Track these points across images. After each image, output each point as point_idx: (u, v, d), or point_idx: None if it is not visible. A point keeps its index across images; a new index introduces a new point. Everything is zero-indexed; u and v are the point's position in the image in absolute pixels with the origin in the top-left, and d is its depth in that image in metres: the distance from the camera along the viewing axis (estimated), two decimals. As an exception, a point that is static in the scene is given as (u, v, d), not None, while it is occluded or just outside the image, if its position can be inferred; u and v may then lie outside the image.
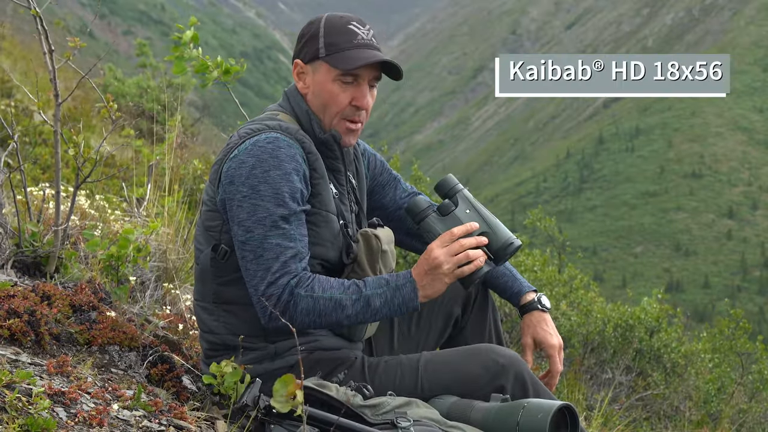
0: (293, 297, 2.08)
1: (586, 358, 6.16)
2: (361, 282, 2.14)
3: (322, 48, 2.21)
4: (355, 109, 2.25)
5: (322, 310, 2.10)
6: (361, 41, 2.21)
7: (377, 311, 2.12)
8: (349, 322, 2.13)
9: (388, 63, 2.22)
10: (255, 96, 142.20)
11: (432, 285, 2.13)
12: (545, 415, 1.93)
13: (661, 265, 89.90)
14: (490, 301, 2.52)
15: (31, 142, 6.05)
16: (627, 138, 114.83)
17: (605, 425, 4.38)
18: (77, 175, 3.08)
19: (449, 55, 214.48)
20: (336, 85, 2.22)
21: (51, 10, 25.31)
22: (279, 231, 2.10)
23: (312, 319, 2.10)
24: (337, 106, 2.23)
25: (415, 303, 2.12)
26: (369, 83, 2.25)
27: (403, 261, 6.08)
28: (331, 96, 2.23)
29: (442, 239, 2.15)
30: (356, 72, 2.21)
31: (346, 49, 2.19)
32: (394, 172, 2.59)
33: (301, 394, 1.74)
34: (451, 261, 2.12)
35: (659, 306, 6.54)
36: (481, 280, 2.29)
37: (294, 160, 2.14)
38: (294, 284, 2.09)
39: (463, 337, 2.47)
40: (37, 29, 2.92)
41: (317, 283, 2.11)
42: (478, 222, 2.19)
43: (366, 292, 2.12)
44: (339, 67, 2.19)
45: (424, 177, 6.89)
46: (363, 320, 2.13)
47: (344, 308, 2.10)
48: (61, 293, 2.57)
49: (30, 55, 10.09)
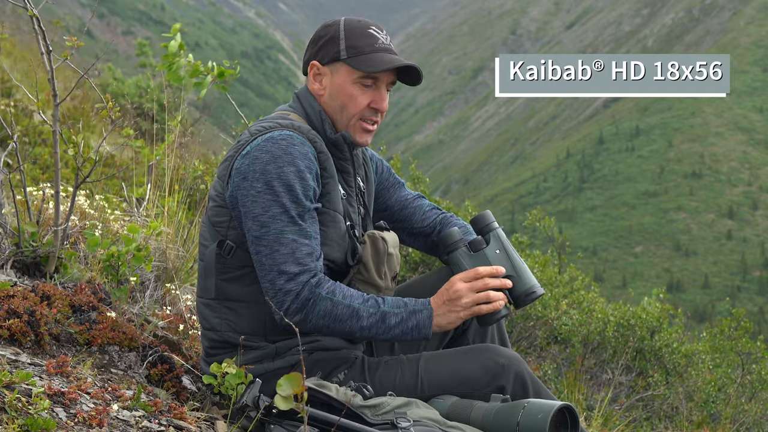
0: (313, 296, 2.09)
1: (587, 358, 6.16)
2: (380, 298, 2.16)
3: (343, 50, 2.23)
4: (374, 111, 2.28)
5: (339, 316, 2.11)
6: (382, 46, 2.24)
7: (390, 329, 2.13)
8: (361, 334, 2.14)
9: (408, 68, 2.26)
10: (255, 96, 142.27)
11: (446, 315, 2.15)
12: (545, 416, 1.93)
13: (661, 265, 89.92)
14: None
15: (30, 142, 6.05)
16: (627, 138, 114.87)
17: (605, 425, 4.38)
18: (77, 175, 3.08)
19: (449, 55, 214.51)
20: (356, 87, 2.25)
21: (50, 10, 25.31)
22: (295, 227, 2.11)
23: (327, 322, 2.11)
24: (356, 107, 2.26)
25: (428, 330, 2.14)
26: (387, 87, 2.28)
27: (403, 261, 6.07)
28: (351, 98, 2.25)
29: (467, 275, 2.18)
30: (377, 75, 2.24)
31: (368, 52, 2.22)
32: (398, 176, 2.63)
33: (305, 395, 1.74)
34: (471, 297, 2.15)
35: (660, 305, 6.54)
36: (498, 322, 2.31)
37: (307, 158, 2.16)
38: (314, 283, 2.10)
39: (465, 338, 2.47)
40: (34, 29, 2.92)
41: (338, 288, 2.13)
42: (506, 265, 2.23)
43: (384, 308, 2.13)
44: (363, 69, 2.21)
45: (423, 177, 6.88)
46: (375, 335, 2.14)
47: (360, 319, 2.12)
48: (60, 293, 2.56)
49: (29, 55, 10.09)
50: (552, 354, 6.20)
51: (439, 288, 2.25)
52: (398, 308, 2.14)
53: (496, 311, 2.17)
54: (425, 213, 2.59)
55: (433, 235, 2.58)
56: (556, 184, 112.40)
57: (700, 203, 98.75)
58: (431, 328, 2.15)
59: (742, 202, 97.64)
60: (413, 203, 2.60)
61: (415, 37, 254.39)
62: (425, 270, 5.93)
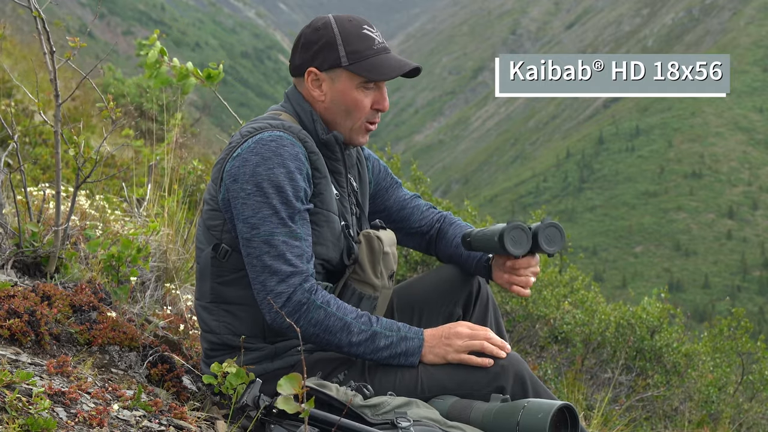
0: (308, 303, 2.08)
1: (587, 358, 6.16)
2: (374, 317, 2.15)
3: (344, 57, 2.21)
4: (376, 112, 2.29)
5: (330, 327, 2.09)
6: (380, 46, 2.24)
7: (378, 351, 2.12)
8: (348, 350, 2.12)
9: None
10: (255, 96, 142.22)
11: (436, 349, 2.13)
12: (545, 415, 1.93)
13: (661, 265, 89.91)
14: (491, 301, 2.52)
15: (31, 143, 6.05)
16: (627, 138, 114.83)
17: (605, 425, 4.37)
18: (77, 175, 3.08)
19: (449, 55, 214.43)
20: (359, 92, 2.24)
21: (51, 10, 25.30)
22: (285, 229, 2.10)
23: (317, 331, 2.10)
24: (362, 111, 2.26)
25: (414, 359, 2.13)
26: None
27: (403, 261, 6.07)
28: (356, 103, 2.24)
29: (475, 326, 2.17)
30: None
31: (369, 56, 2.21)
32: (395, 176, 2.63)
33: (312, 400, 1.74)
34: (467, 343, 2.12)
35: (661, 305, 6.54)
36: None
37: (297, 159, 2.15)
38: (308, 289, 2.09)
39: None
40: (37, 29, 2.92)
41: (333, 300, 2.12)
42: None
43: (375, 327, 2.12)
44: (370, 77, 2.21)
45: (424, 177, 6.89)
46: (362, 353, 2.13)
47: (351, 334, 2.10)
48: (61, 293, 2.56)
49: (30, 55, 10.09)
50: (552, 354, 6.20)
51: (438, 287, 2.25)
52: (390, 331, 2.13)
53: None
54: (423, 213, 2.59)
55: (430, 233, 2.59)
56: (556, 184, 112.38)
57: (700, 203, 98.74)
58: (419, 357, 2.13)
59: (742, 202, 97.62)
60: (411, 203, 2.60)
61: (415, 37, 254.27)
62: (425, 270, 5.93)
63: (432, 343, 2.14)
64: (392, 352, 2.12)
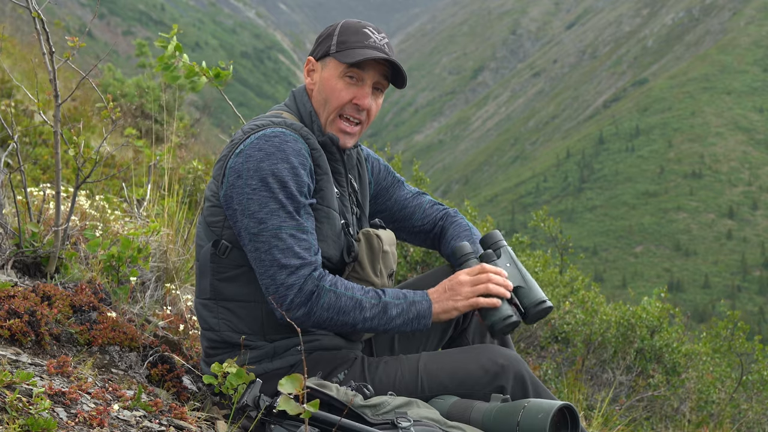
0: (317, 289, 2.09)
1: (587, 358, 6.16)
2: (379, 290, 2.16)
3: (333, 45, 2.25)
4: (356, 108, 2.27)
5: (343, 307, 2.10)
6: (372, 44, 2.24)
7: (392, 320, 2.13)
8: (363, 326, 2.13)
9: (393, 68, 2.25)
10: (255, 96, 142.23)
11: (445, 303, 2.16)
12: (545, 415, 1.93)
13: (661, 265, 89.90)
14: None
15: (31, 143, 6.05)
16: (627, 138, 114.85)
17: (605, 425, 4.37)
18: (77, 175, 3.08)
19: (449, 55, 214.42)
20: (341, 81, 2.25)
21: (50, 10, 25.30)
22: (292, 222, 2.11)
23: (331, 314, 2.11)
24: (338, 101, 2.25)
25: (428, 320, 2.15)
26: (374, 85, 2.27)
27: (403, 261, 6.07)
28: (333, 91, 2.25)
29: (472, 270, 2.20)
30: (361, 71, 2.23)
31: (355, 47, 2.22)
32: (398, 174, 2.62)
33: (316, 402, 1.74)
34: (472, 288, 2.16)
35: (661, 305, 6.54)
36: (512, 332, 2.31)
37: (300, 155, 2.16)
38: (317, 276, 2.10)
39: (464, 338, 2.47)
40: (36, 29, 2.92)
41: (339, 280, 2.13)
42: (516, 277, 2.25)
43: (385, 299, 2.14)
44: (344, 60, 2.21)
45: (425, 178, 6.88)
46: (377, 327, 2.14)
47: (363, 309, 2.12)
48: (61, 293, 2.56)
49: (30, 55, 10.09)
50: (552, 354, 6.20)
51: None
52: (398, 299, 2.15)
53: (507, 317, 2.16)
54: (425, 211, 2.59)
55: (434, 231, 2.58)
56: (556, 184, 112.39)
57: (700, 203, 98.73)
58: (431, 317, 2.16)
59: (742, 202, 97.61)
60: (413, 202, 2.60)
61: (415, 37, 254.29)
62: (425, 270, 5.93)
63: (439, 299, 2.17)
64: (405, 318, 2.14)
